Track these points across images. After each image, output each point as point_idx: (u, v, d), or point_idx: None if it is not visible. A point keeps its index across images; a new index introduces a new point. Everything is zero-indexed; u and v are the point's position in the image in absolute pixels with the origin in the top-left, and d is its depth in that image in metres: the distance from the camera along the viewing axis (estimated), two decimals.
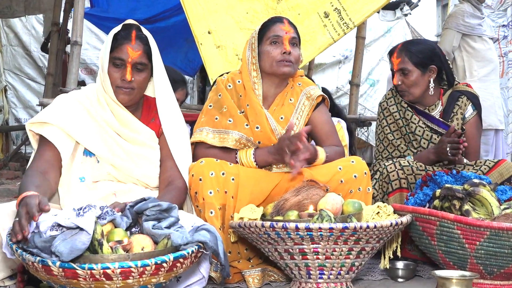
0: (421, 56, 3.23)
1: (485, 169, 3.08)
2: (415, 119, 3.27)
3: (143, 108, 2.59)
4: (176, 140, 2.52)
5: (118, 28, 2.47)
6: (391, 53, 3.33)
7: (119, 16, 6.39)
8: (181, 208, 2.52)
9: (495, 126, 5.46)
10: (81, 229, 1.73)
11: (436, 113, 3.29)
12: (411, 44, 3.34)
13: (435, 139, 3.22)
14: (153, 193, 2.44)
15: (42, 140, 2.39)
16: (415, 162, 3.07)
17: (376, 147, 3.46)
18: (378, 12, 9.53)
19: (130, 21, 2.53)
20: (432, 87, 3.25)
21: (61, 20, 6.92)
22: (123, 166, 2.43)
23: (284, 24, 2.78)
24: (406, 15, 9.75)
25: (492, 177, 3.00)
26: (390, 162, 3.06)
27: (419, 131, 3.26)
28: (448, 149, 3.02)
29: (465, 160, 3.21)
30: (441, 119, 3.24)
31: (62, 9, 6.94)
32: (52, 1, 6.97)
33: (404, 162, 3.04)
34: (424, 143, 3.25)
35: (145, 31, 2.51)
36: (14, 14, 8.00)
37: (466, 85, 3.39)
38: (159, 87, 2.53)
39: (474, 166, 3.13)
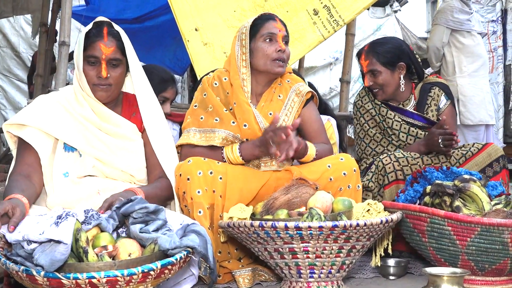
0: (388, 55, 3.27)
1: (474, 150, 3.10)
2: (390, 114, 3.31)
3: (123, 104, 2.59)
4: (158, 136, 2.52)
5: (89, 26, 2.47)
6: (359, 55, 3.37)
7: (108, 15, 6.27)
8: (168, 201, 2.54)
9: (485, 122, 5.48)
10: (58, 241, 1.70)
11: (410, 107, 3.33)
12: (377, 45, 3.36)
13: (413, 131, 3.26)
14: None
15: (22, 142, 2.39)
16: (408, 152, 3.07)
17: (358, 146, 3.47)
18: (368, 9, 9.54)
19: (100, 18, 2.54)
20: (403, 84, 3.29)
21: (49, 21, 6.86)
22: (105, 158, 2.42)
23: (276, 22, 2.77)
24: (396, 11, 9.74)
25: (481, 158, 3.06)
26: (385, 155, 3.07)
27: (396, 125, 3.29)
28: (440, 141, 3.03)
29: None
30: (415, 112, 3.29)
31: (50, 9, 6.88)
32: (40, 1, 6.92)
33: (398, 154, 3.05)
34: (402, 137, 3.28)
35: (116, 27, 2.51)
36: (2, 15, 7.92)
37: (436, 77, 3.45)
38: (137, 81, 2.53)
39: (463, 148, 3.15)
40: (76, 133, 2.42)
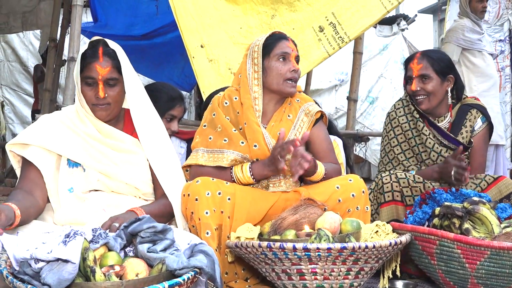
0: (442, 64, 3.22)
1: (484, 185, 3.05)
2: (426, 131, 3.24)
3: (124, 120, 2.61)
4: (156, 153, 2.52)
5: (85, 47, 2.49)
6: (409, 60, 3.30)
7: (117, 32, 6.38)
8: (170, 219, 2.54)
9: (495, 142, 5.43)
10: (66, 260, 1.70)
11: (444, 124, 3.27)
12: (431, 52, 3.33)
13: (444, 153, 3.19)
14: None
15: (25, 161, 2.42)
16: (411, 174, 3.04)
17: (381, 159, 3.43)
18: (375, 27, 9.56)
19: (96, 38, 2.55)
20: (450, 97, 3.24)
21: (58, 36, 6.90)
22: (109, 172, 2.43)
23: (289, 42, 2.78)
24: (403, 30, 9.76)
25: (491, 193, 2.98)
26: (387, 173, 3.04)
27: (430, 143, 3.23)
28: (452, 172, 2.98)
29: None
30: (450, 134, 3.21)
31: (60, 25, 6.93)
32: (49, 17, 6.95)
33: (400, 174, 3.02)
34: (433, 156, 3.21)
35: (112, 45, 2.51)
36: (12, 30, 7.97)
37: (474, 99, 3.38)
38: (132, 99, 2.53)
39: (474, 180, 3.10)
40: (79, 148, 2.43)
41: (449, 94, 3.24)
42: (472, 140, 3.24)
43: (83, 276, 1.79)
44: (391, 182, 2.99)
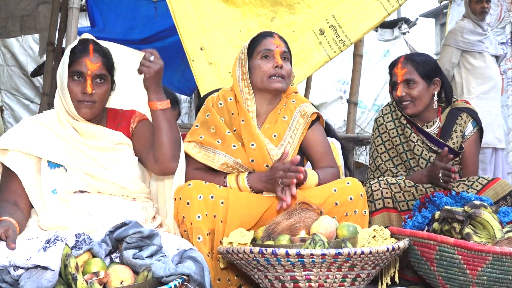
0: (427, 67, 3.14)
1: (477, 186, 2.96)
2: (414, 137, 3.15)
3: (107, 118, 2.56)
4: None
5: (75, 43, 2.45)
6: (393, 65, 3.21)
7: (115, 36, 6.33)
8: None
9: (492, 145, 5.35)
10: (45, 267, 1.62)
11: (433, 129, 3.18)
12: (415, 55, 3.26)
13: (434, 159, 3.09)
14: (132, 208, 2.35)
15: (6, 168, 2.37)
16: (403, 179, 2.96)
17: (369, 166, 3.35)
18: (376, 31, 9.51)
19: (86, 35, 2.52)
20: (436, 101, 3.15)
21: (56, 40, 6.86)
22: (93, 172, 2.36)
23: (274, 38, 2.71)
24: (404, 33, 9.71)
25: (486, 195, 2.87)
26: (376, 180, 2.96)
27: (418, 150, 3.14)
28: (440, 175, 2.90)
29: None
30: (440, 139, 3.12)
31: (57, 28, 6.89)
32: (48, 21, 6.94)
33: (391, 180, 2.94)
34: (422, 163, 3.13)
35: (104, 44, 2.51)
36: (10, 34, 7.95)
37: (465, 102, 3.29)
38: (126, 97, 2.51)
39: (466, 181, 3.01)
40: (59, 149, 2.37)
41: (436, 98, 3.16)
42: (463, 145, 3.16)
43: (65, 284, 1.72)
44: (381, 189, 2.91)
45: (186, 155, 2.59)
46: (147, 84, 2.42)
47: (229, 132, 2.64)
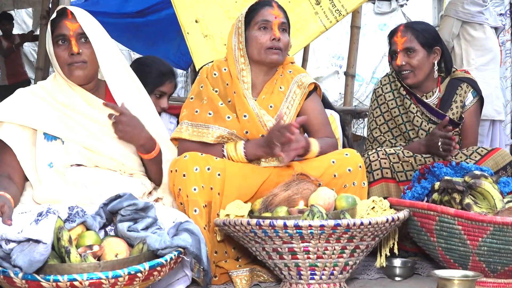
0: (427, 35, 3.06)
1: (475, 156, 2.92)
2: (413, 108, 3.09)
3: (106, 92, 2.48)
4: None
5: (55, 14, 2.40)
6: (393, 33, 3.13)
7: (109, 9, 6.24)
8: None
9: (490, 117, 5.32)
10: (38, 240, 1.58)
11: (433, 99, 3.11)
12: (415, 24, 3.19)
13: None
14: (129, 183, 2.31)
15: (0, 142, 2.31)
16: (401, 149, 2.92)
17: (367, 137, 3.30)
18: (374, 3, 9.40)
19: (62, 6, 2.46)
20: (436, 70, 3.09)
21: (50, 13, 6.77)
22: (91, 145, 2.31)
23: (273, 8, 2.63)
24: (402, 5, 9.61)
25: (486, 165, 2.82)
26: (374, 151, 2.92)
27: (417, 121, 3.09)
28: (440, 144, 2.85)
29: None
30: (440, 110, 3.06)
31: (50, 2, 6.78)
32: None
33: (389, 150, 2.90)
34: (422, 134, 3.07)
35: (81, 10, 2.43)
36: (2, 8, 7.86)
37: (464, 72, 3.23)
38: (105, 62, 2.39)
39: (465, 151, 2.97)
40: (56, 120, 2.32)
41: (436, 67, 3.09)
42: (463, 115, 3.11)
43: (58, 257, 1.69)
44: (379, 159, 2.87)
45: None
46: (127, 141, 2.35)
47: (222, 104, 2.58)
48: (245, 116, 2.55)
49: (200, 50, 3.76)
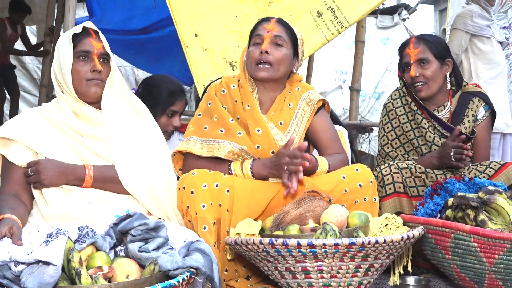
0: (439, 47, 3.06)
1: (490, 171, 2.88)
2: (425, 123, 3.07)
3: None
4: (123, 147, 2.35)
5: (72, 29, 2.41)
6: (404, 46, 3.13)
7: (113, 27, 6.26)
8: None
9: (501, 130, 5.30)
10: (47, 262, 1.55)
11: (444, 113, 3.09)
12: (427, 36, 3.17)
13: None
14: (131, 200, 2.27)
15: (6, 160, 2.30)
16: (414, 164, 2.89)
17: (378, 152, 3.27)
18: (376, 18, 9.41)
19: (88, 23, 2.47)
20: (449, 82, 3.07)
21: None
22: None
23: (269, 23, 2.63)
24: (404, 19, 9.63)
25: (497, 180, 2.79)
26: (386, 165, 2.88)
27: (430, 136, 3.05)
28: (452, 153, 2.83)
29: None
30: (451, 125, 3.03)
31: (55, 19, 6.80)
32: (44, 11, 6.86)
33: (402, 164, 2.86)
34: (434, 149, 3.03)
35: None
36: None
37: (475, 86, 3.21)
38: (115, 82, 2.41)
39: (478, 167, 2.93)
40: (57, 142, 2.31)
41: (448, 79, 3.08)
42: (475, 130, 3.07)
43: (68, 279, 1.65)
44: (392, 173, 2.83)
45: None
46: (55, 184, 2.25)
47: (232, 120, 2.56)
48: (258, 130, 2.52)
49: (199, 64, 3.77)
